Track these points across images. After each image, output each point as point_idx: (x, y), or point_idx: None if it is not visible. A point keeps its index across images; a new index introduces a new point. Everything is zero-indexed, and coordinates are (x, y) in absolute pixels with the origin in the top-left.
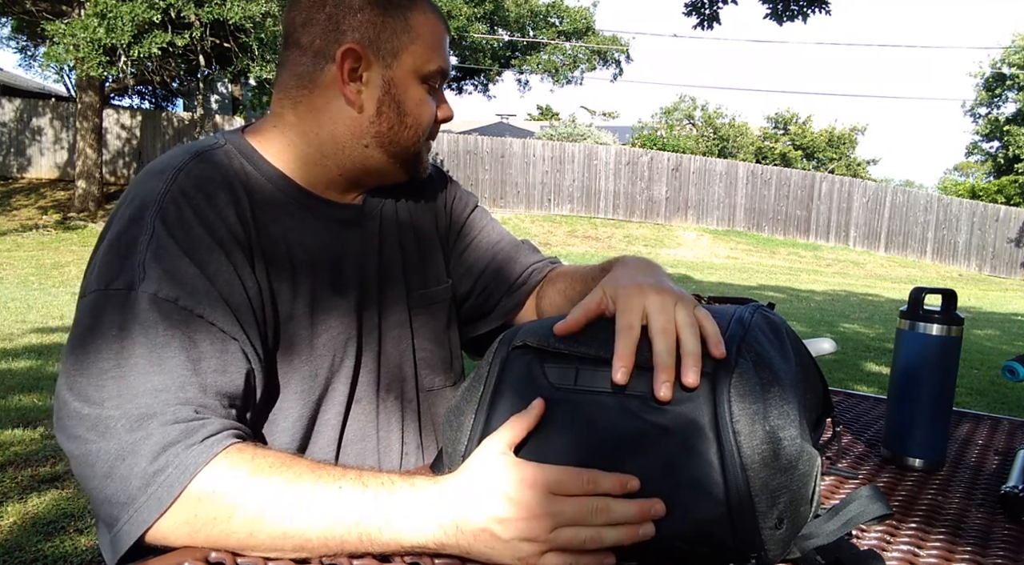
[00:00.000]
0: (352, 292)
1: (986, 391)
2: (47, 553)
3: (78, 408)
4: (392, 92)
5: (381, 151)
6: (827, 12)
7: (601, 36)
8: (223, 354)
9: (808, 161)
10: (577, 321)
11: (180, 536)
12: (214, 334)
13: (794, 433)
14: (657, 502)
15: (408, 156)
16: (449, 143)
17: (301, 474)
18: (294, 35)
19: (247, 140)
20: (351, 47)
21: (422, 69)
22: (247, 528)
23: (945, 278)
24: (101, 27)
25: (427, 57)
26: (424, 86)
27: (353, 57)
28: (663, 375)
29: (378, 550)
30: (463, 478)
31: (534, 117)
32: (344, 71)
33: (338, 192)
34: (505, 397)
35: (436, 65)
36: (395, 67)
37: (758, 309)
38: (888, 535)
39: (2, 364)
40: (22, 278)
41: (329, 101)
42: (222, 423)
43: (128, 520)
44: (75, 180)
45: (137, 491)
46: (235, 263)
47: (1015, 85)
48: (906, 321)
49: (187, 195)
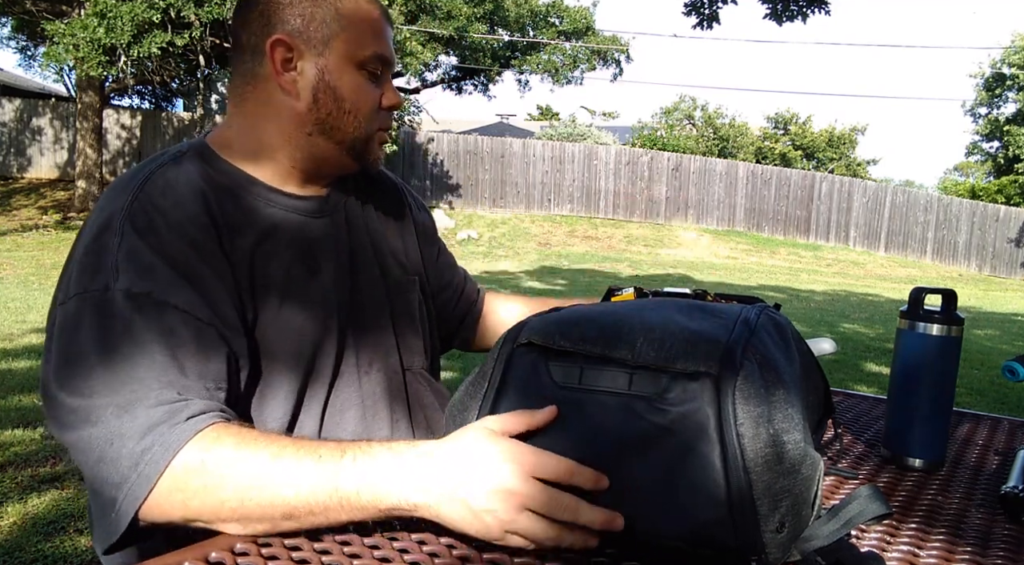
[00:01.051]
0: (326, 275)
1: (986, 391)
2: (47, 553)
3: (70, 402)
4: (327, 79)
5: (325, 138)
6: (827, 12)
7: (601, 36)
8: (201, 340)
9: (808, 161)
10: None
11: (176, 509)
12: (190, 322)
13: (798, 437)
14: (618, 517)
15: (354, 143)
16: (449, 143)
17: (284, 447)
18: (236, 37)
19: (208, 144)
20: (279, 38)
21: (356, 55)
22: (238, 496)
23: (945, 278)
24: (101, 27)
25: (360, 43)
26: (362, 72)
27: (284, 47)
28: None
29: (359, 514)
30: (447, 446)
31: (534, 117)
32: (277, 62)
33: (298, 185)
34: (509, 394)
35: (371, 50)
36: (327, 55)
37: (764, 310)
38: (888, 535)
39: (2, 364)
40: (22, 278)
41: (271, 94)
42: (205, 404)
43: (123, 499)
44: (75, 180)
45: (128, 470)
46: (206, 257)
47: (1015, 85)
48: (906, 321)
49: (153, 202)
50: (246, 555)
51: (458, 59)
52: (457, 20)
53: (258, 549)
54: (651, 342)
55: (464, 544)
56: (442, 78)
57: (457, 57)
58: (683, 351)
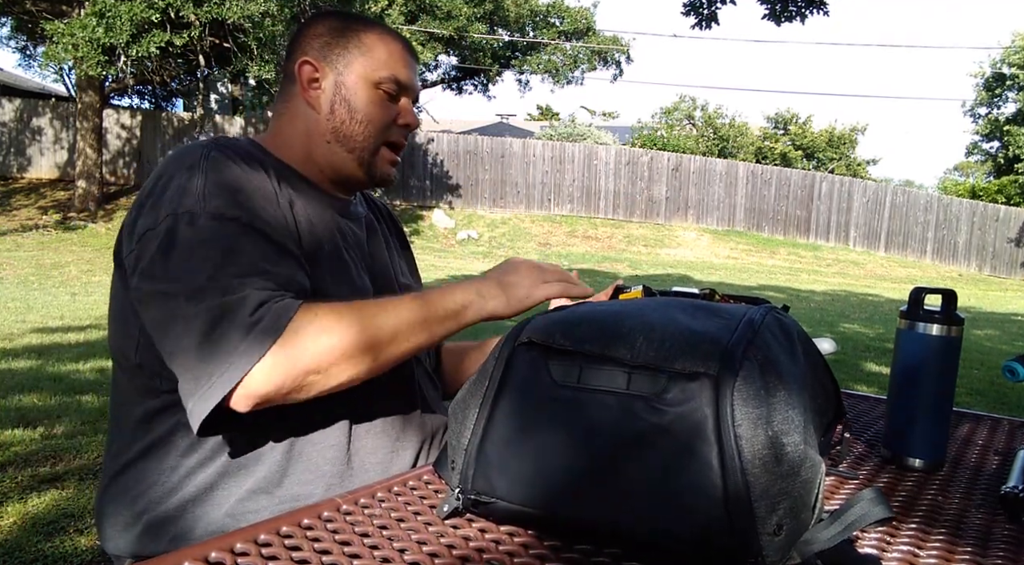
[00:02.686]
0: (352, 264)
1: (986, 391)
2: (47, 553)
3: (173, 288)
4: (343, 93)
5: (340, 146)
6: (825, 13)
7: (601, 36)
8: (288, 261)
9: (808, 161)
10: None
11: (291, 360)
12: (277, 247)
13: (797, 439)
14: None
15: (363, 152)
16: (449, 143)
17: (375, 301)
18: (283, 67)
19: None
20: (305, 60)
21: (372, 75)
22: (354, 330)
23: (945, 278)
24: (100, 27)
25: (377, 66)
26: (378, 91)
27: (310, 67)
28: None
29: (440, 314)
30: (488, 273)
31: (534, 117)
32: (304, 80)
33: (328, 188)
34: (508, 393)
35: (387, 72)
36: (346, 73)
37: (770, 310)
38: (888, 536)
39: (2, 364)
40: (22, 278)
41: (299, 107)
42: (298, 297)
43: (229, 367)
44: (75, 180)
45: (239, 340)
46: (274, 203)
47: (1015, 85)
48: (906, 321)
49: (226, 154)
50: (246, 555)
51: (458, 59)
52: (457, 20)
53: (258, 549)
54: (651, 342)
55: (464, 544)
56: (442, 78)
57: (457, 57)
58: (683, 351)
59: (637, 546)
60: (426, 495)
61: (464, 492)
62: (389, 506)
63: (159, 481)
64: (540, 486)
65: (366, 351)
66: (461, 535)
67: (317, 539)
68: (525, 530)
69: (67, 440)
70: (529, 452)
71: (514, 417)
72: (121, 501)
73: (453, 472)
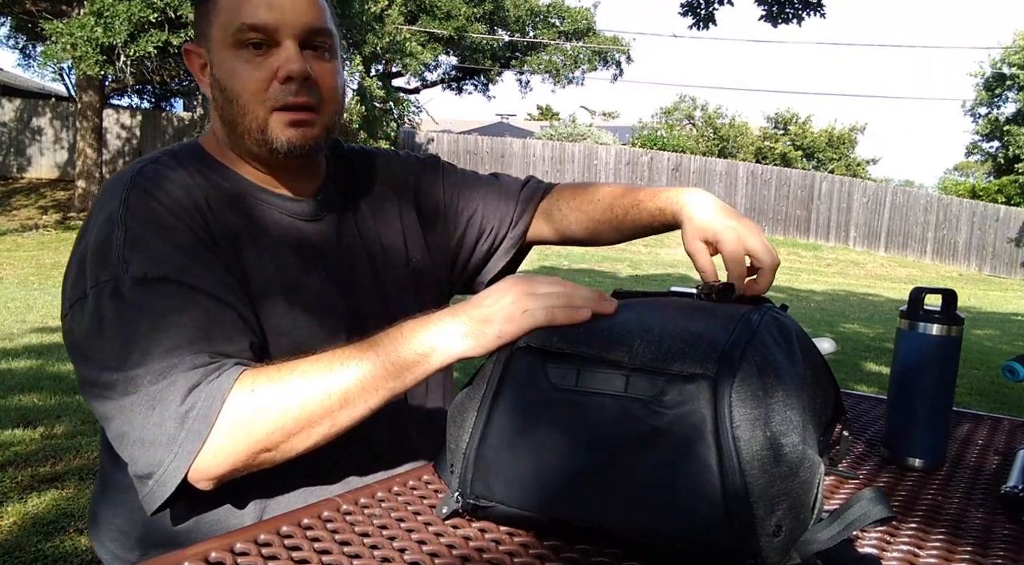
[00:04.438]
0: (318, 279)
1: (986, 391)
2: (47, 553)
3: (106, 377)
4: (214, 73)
5: (235, 134)
6: (822, 15)
7: (601, 36)
8: (223, 315)
9: (808, 161)
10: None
11: (240, 444)
12: (209, 300)
13: (796, 439)
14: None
15: (252, 132)
16: (449, 143)
17: (319, 357)
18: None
19: (201, 145)
20: (186, 47)
21: (228, 34)
22: (297, 400)
23: (945, 278)
24: (98, 26)
25: (229, 18)
26: (241, 52)
27: (193, 55)
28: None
29: (399, 365)
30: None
31: (534, 117)
32: (194, 71)
33: (283, 184)
34: (506, 396)
35: (239, 21)
36: (211, 48)
37: (769, 310)
38: (888, 535)
39: (2, 364)
40: (22, 278)
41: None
42: (236, 361)
43: (172, 458)
44: (75, 180)
45: (175, 431)
46: (206, 243)
47: (1015, 85)
48: (906, 321)
49: (148, 192)
50: (246, 555)
51: (458, 59)
52: (457, 20)
53: (258, 549)
54: (648, 344)
55: (464, 544)
56: (442, 78)
57: (457, 57)
58: (680, 353)
59: (639, 546)
60: (426, 495)
61: (463, 496)
62: (389, 506)
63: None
64: (539, 489)
65: (314, 422)
66: (461, 535)
67: (317, 539)
68: (525, 530)
69: (67, 440)
70: (528, 455)
71: (512, 420)
72: (115, 509)
73: (452, 475)
